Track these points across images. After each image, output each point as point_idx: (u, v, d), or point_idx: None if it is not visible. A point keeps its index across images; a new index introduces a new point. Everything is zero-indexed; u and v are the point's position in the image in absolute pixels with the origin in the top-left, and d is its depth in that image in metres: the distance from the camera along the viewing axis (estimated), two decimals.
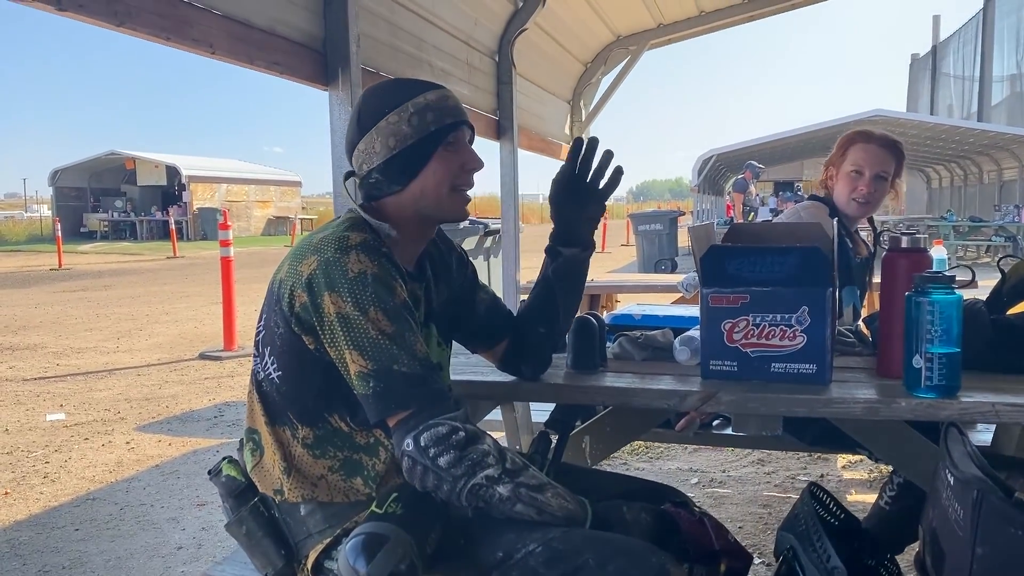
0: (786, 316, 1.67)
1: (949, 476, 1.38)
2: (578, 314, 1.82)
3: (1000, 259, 2.00)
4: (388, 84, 1.53)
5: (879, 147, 2.47)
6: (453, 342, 1.70)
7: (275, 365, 1.40)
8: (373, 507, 1.35)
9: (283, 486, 1.42)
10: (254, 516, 1.44)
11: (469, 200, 1.55)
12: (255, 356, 1.46)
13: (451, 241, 1.70)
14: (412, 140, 1.43)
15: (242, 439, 1.54)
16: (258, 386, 1.44)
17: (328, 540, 1.38)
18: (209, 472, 1.54)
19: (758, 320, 1.68)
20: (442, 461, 1.27)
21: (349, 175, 1.53)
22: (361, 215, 1.44)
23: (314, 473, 1.40)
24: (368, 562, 1.24)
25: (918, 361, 1.55)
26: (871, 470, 3.69)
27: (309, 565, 1.40)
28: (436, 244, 1.63)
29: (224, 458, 1.54)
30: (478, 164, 1.52)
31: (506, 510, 1.31)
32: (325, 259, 1.33)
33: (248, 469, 1.49)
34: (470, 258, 1.75)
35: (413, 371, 1.29)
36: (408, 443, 1.28)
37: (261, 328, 1.44)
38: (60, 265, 17.86)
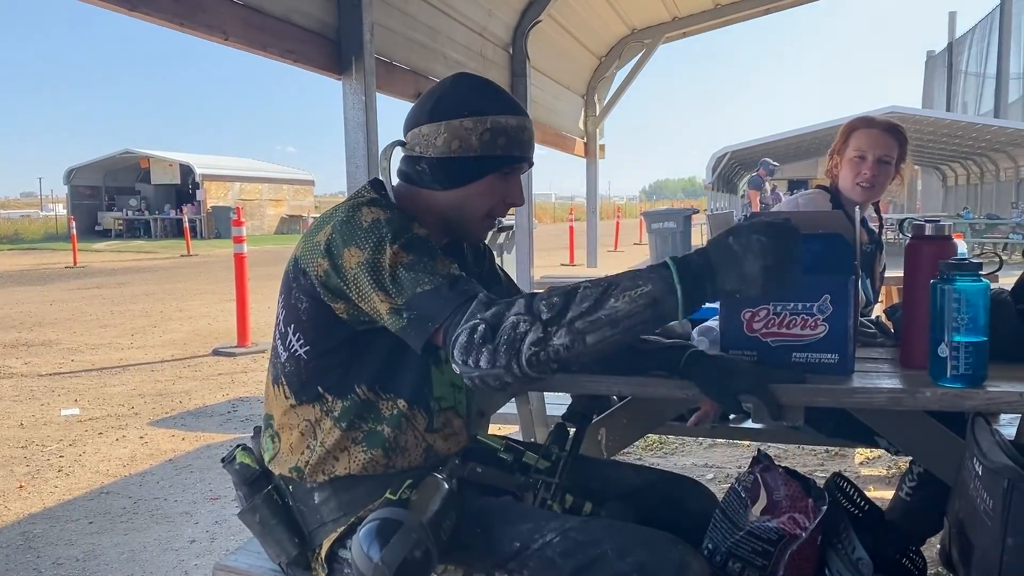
0: (807, 305, 1.63)
1: (977, 466, 1.35)
2: None
3: None
4: (480, 84, 1.48)
5: (881, 131, 2.47)
6: None
7: (301, 340, 1.39)
8: (387, 494, 1.33)
9: (305, 465, 1.40)
10: (268, 504, 1.44)
11: (495, 228, 1.53)
12: (276, 343, 1.45)
13: None
14: (474, 154, 1.41)
15: (257, 427, 1.53)
16: (282, 367, 1.43)
17: (342, 528, 1.37)
18: (223, 460, 1.53)
19: (778, 309, 1.65)
20: (483, 363, 1.19)
21: (397, 144, 1.49)
22: (378, 186, 1.45)
23: (340, 446, 1.39)
24: (382, 548, 1.21)
25: (943, 350, 1.52)
26: (889, 466, 3.65)
27: (323, 554, 1.39)
28: None
29: (238, 446, 1.53)
30: (520, 202, 1.50)
31: (582, 351, 1.17)
32: (338, 221, 1.33)
33: (266, 458, 1.48)
34: (491, 251, 1.73)
35: (435, 284, 1.25)
36: (455, 364, 1.22)
37: (280, 311, 1.43)
38: (75, 263, 17.95)
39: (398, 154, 1.49)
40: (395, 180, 1.49)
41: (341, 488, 1.40)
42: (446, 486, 1.34)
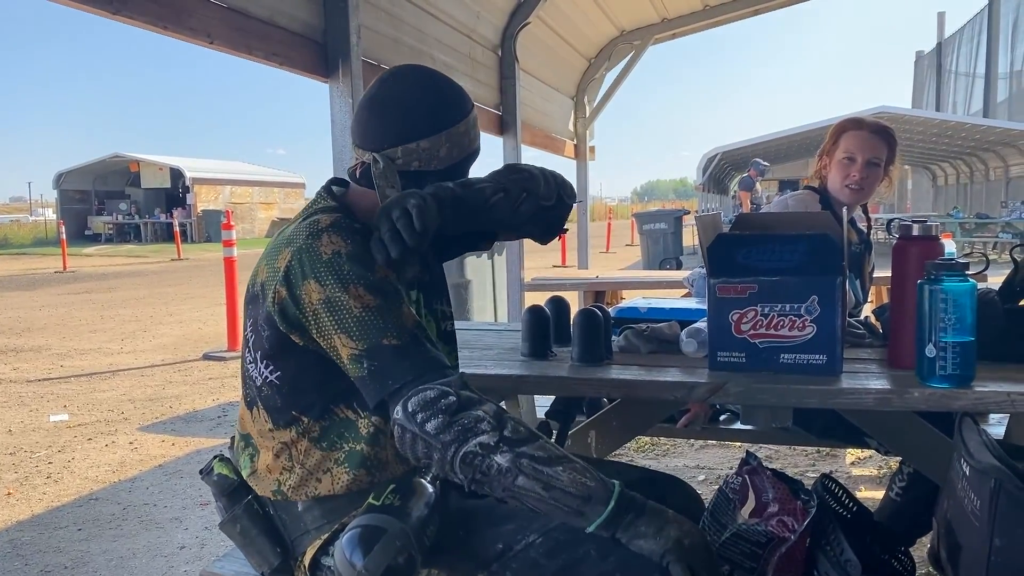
0: (795, 306, 1.63)
1: (965, 466, 1.35)
2: (583, 307, 1.79)
3: (1013, 248, 1.96)
4: (441, 84, 1.45)
5: (871, 133, 2.46)
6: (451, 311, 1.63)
7: (270, 368, 1.36)
8: (370, 499, 1.31)
9: (284, 487, 1.38)
10: (248, 514, 1.41)
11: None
12: (247, 365, 1.41)
13: None
14: (468, 152, 1.45)
15: (233, 437, 1.50)
16: (258, 391, 1.39)
17: (325, 536, 1.35)
18: (200, 471, 1.50)
19: (766, 310, 1.65)
20: (430, 427, 1.18)
21: (383, 159, 1.40)
22: (349, 194, 1.45)
23: (320, 467, 1.37)
24: (365, 555, 1.20)
25: (931, 350, 1.52)
26: (880, 466, 3.65)
27: (306, 562, 1.37)
28: None
29: (215, 456, 1.50)
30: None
31: (507, 483, 1.17)
32: (297, 248, 1.30)
33: (244, 474, 1.45)
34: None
35: (403, 342, 1.24)
36: (398, 411, 1.21)
37: (249, 333, 1.39)
38: (65, 268, 17.88)
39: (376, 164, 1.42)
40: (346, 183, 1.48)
41: (327, 496, 1.38)
42: (430, 490, 1.33)
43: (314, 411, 1.36)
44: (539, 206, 1.47)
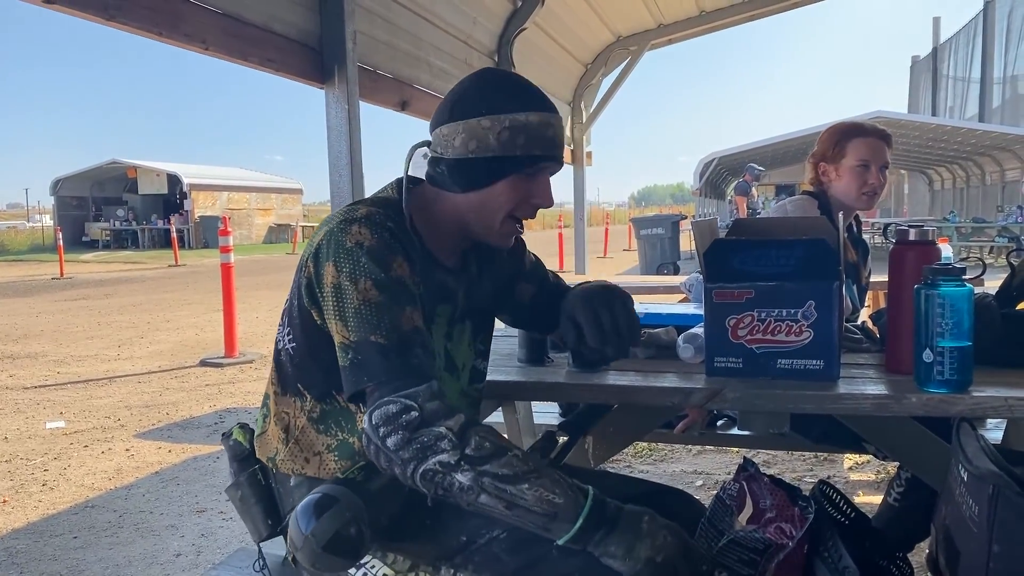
0: (792, 311, 1.63)
1: (963, 472, 1.34)
2: None
3: (1010, 253, 1.96)
4: (501, 80, 1.41)
5: (878, 139, 2.47)
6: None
7: (290, 336, 1.39)
8: (337, 473, 1.32)
9: (277, 456, 1.42)
10: (250, 483, 1.45)
11: (519, 233, 1.47)
12: (281, 322, 1.44)
13: None
14: (492, 154, 1.34)
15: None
16: (276, 354, 1.43)
17: None
18: (223, 435, 1.55)
19: (763, 315, 1.65)
20: (390, 442, 1.18)
21: (422, 144, 1.44)
22: (414, 194, 1.41)
23: (312, 448, 1.39)
24: (315, 521, 1.20)
25: (928, 355, 1.52)
26: (878, 471, 3.65)
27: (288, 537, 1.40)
28: None
29: (238, 423, 1.55)
30: (548, 202, 1.42)
31: (470, 500, 1.18)
32: (331, 229, 1.31)
33: (256, 434, 1.50)
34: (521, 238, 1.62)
35: (390, 343, 1.23)
36: (365, 420, 1.21)
37: (288, 299, 1.42)
38: (62, 274, 17.84)
39: (423, 154, 1.44)
40: (424, 180, 1.45)
41: (315, 478, 1.40)
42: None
43: (316, 390, 1.38)
44: None
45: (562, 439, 1.90)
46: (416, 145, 1.46)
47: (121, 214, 30.89)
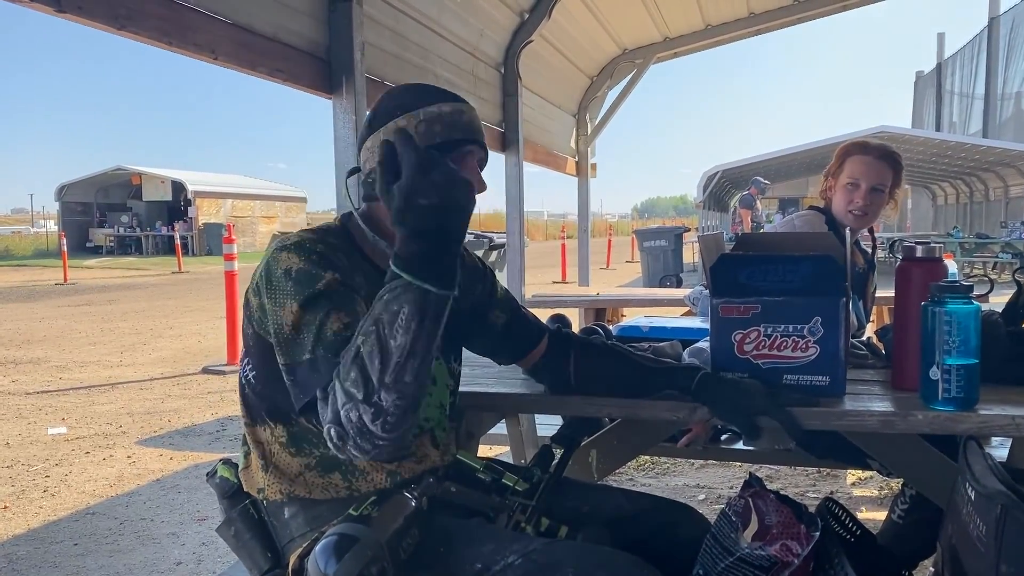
0: (798, 327, 1.63)
1: (970, 491, 1.34)
2: (584, 325, 1.79)
3: (1016, 270, 1.96)
4: (410, 87, 1.48)
5: (876, 158, 2.45)
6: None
7: (250, 366, 1.42)
8: (350, 510, 1.31)
9: (264, 484, 1.43)
10: (243, 518, 1.46)
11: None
12: (240, 358, 1.47)
13: (466, 253, 1.65)
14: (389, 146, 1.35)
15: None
16: (241, 388, 1.46)
17: (307, 544, 1.37)
18: (207, 474, 1.57)
19: (769, 331, 1.64)
20: (358, 453, 1.20)
21: (353, 171, 1.49)
22: (354, 218, 1.44)
23: (292, 471, 1.41)
24: (337, 563, 1.19)
25: (935, 373, 1.51)
26: (881, 487, 3.63)
27: (290, 569, 1.40)
28: None
29: (221, 460, 1.56)
30: (480, 187, 1.43)
31: (415, 384, 1.16)
32: (265, 260, 1.35)
33: (239, 470, 1.51)
34: (490, 270, 1.71)
35: (315, 355, 1.25)
36: (324, 431, 1.22)
37: (242, 330, 1.45)
38: (65, 280, 17.87)
39: (356, 181, 1.48)
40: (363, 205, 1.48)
41: (308, 504, 1.41)
42: (412, 505, 1.32)
43: (279, 415, 1.40)
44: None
45: (558, 452, 1.90)
46: (349, 172, 1.50)
47: (125, 220, 30.95)
